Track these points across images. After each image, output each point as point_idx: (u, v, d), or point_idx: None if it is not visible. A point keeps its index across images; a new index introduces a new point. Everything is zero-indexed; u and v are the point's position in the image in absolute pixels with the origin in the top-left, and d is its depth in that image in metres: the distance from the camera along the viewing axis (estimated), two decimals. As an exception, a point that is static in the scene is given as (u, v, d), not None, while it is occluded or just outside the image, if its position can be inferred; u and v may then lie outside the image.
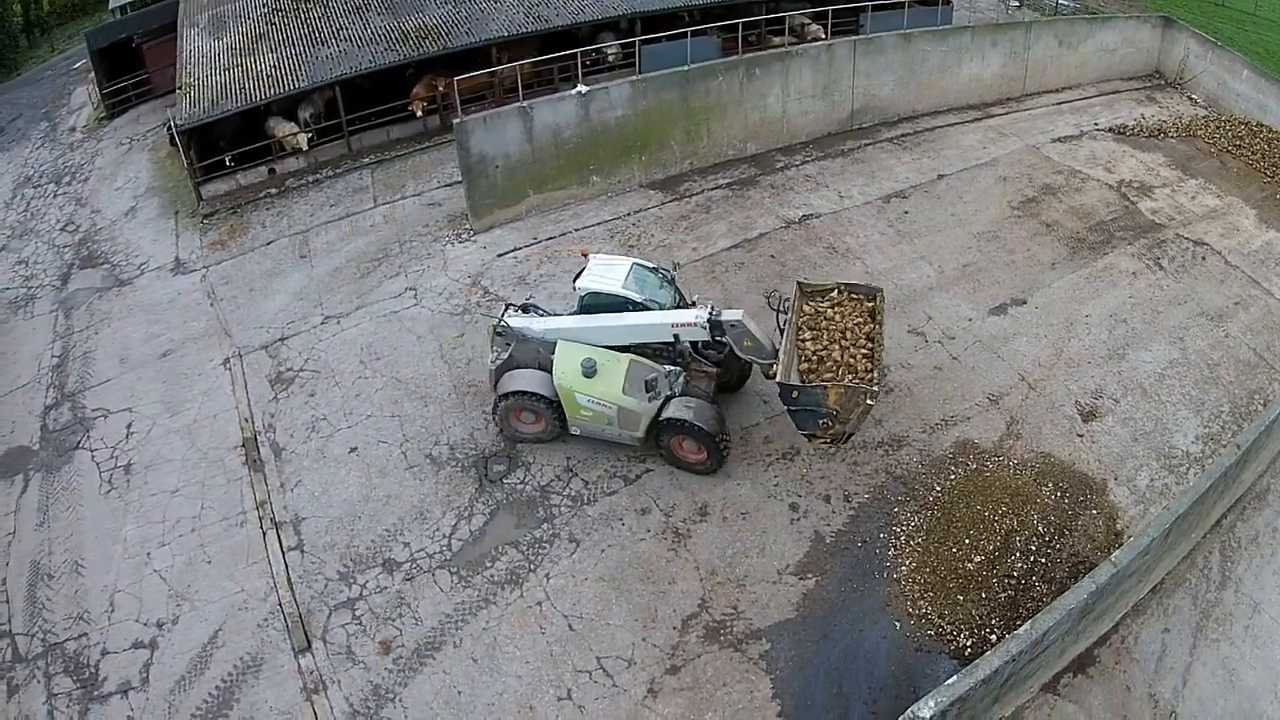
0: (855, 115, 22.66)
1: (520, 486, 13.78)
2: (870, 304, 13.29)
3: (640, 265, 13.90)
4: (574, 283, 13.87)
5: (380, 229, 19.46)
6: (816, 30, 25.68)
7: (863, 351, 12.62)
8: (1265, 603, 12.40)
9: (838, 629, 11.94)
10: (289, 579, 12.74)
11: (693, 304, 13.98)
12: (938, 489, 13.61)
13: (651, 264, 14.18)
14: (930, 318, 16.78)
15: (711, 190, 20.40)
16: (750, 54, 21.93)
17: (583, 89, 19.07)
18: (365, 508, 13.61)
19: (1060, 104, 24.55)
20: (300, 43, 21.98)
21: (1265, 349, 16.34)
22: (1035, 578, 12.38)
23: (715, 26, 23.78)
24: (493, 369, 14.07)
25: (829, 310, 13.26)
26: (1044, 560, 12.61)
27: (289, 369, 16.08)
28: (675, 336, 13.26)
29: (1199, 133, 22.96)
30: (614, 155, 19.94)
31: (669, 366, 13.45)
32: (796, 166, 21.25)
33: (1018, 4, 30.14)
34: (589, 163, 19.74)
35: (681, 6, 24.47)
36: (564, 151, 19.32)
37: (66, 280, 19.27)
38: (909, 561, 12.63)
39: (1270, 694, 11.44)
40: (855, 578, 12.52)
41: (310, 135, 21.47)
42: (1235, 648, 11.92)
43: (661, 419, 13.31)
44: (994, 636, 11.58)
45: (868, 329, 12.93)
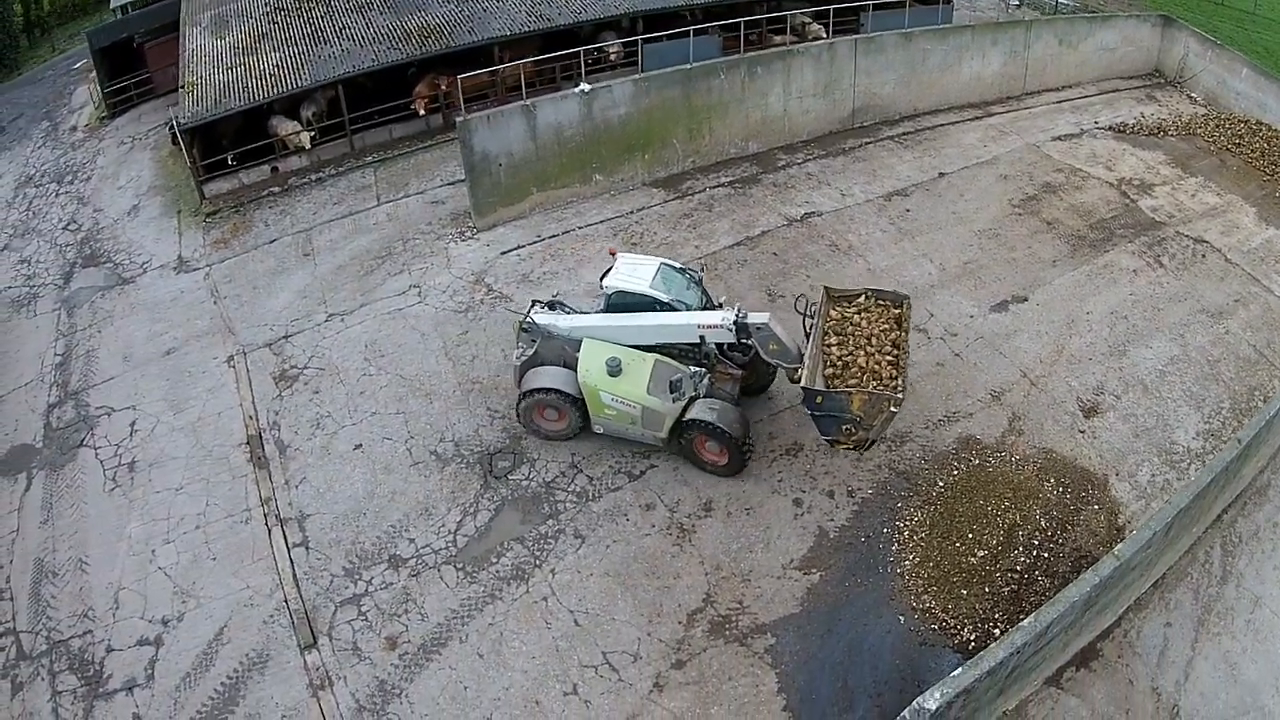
0: (856, 114, 22.71)
1: (525, 483, 13.80)
2: (897, 311, 13.16)
3: (668, 265, 13.79)
4: (601, 281, 13.78)
5: (383, 227, 19.47)
6: (817, 29, 25.76)
7: (888, 358, 12.50)
8: (1266, 597, 12.46)
9: (842, 623, 11.98)
10: (294, 575, 12.74)
11: (719, 306, 13.84)
12: (941, 484, 13.66)
13: (679, 264, 14.07)
14: (932, 315, 16.83)
15: (714, 188, 20.43)
16: (752, 53, 22.01)
17: (585, 87, 19.07)
18: (370, 504, 13.62)
19: (1061, 102, 24.64)
20: (303, 42, 22.00)
21: (1265, 346, 16.40)
22: (1038, 572, 12.43)
23: (716, 25, 23.86)
24: (517, 365, 13.99)
25: (855, 316, 13.13)
26: (1046, 555, 12.65)
27: (293, 366, 16.08)
28: (701, 338, 13.17)
29: (1199, 131, 23.04)
30: (617, 153, 19.97)
31: (694, 367, 13.35)
32: (798, 165, 21.30)
33: (1018, 3, 30.20)
34: (592, 161, 19.76)
35: (683, 6, 24.48)
36: (567, 150, 19.35)
37: (69, 279, 19.23)
38: (912, 556, 12.67)
39: (1272, 687, 11.49)
40: (859, 572, 12.57)
41: (313, 134, 21.47)
42: (1237, 641, 11.98)
43: (685, 420, 13.22)
44: (997, 630, 11.61)
45: (894, 336, 12.81)
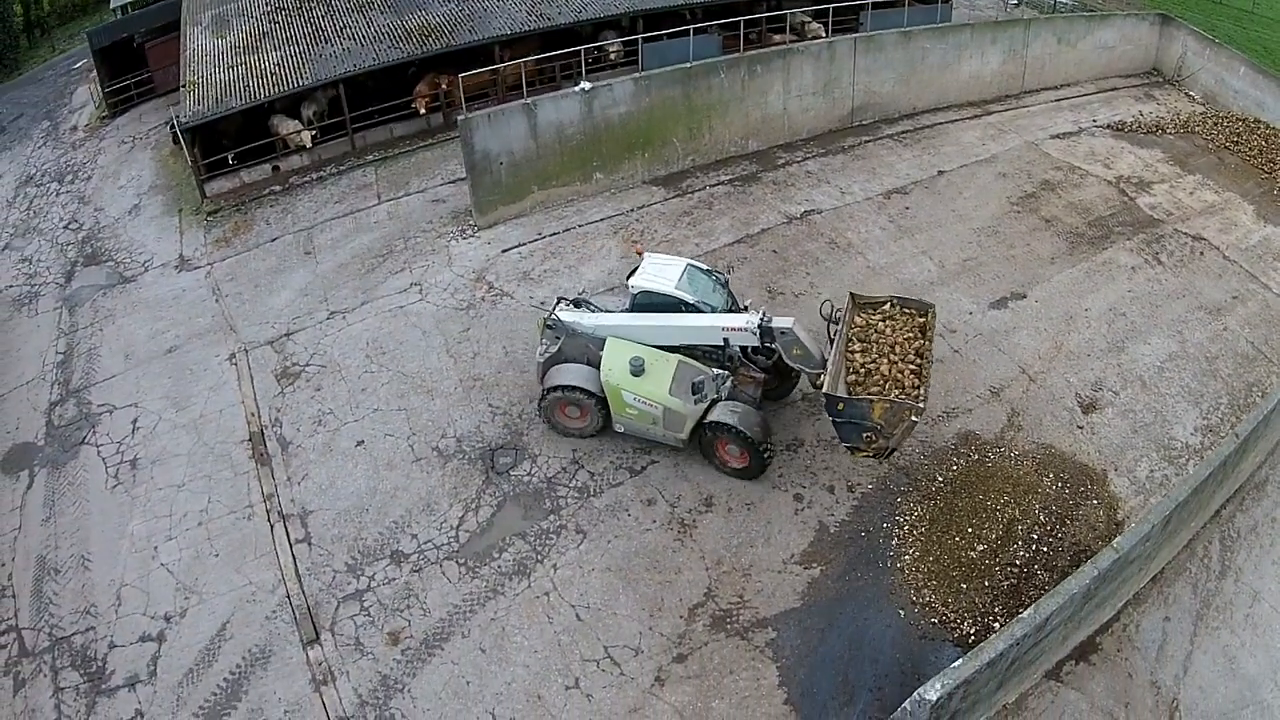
0: (856, 112, 22.77)
1: (527, 478, 13.86)
2: (922, 319, 13.04)
3: (694, 267, 13.79)
4: (627, 280, 13.79)
5: (384, 225, 19.51)
6: (817, 28, 25.83)
7: (911, 367, 12.40)
8: (1265, 592, 12.52)
9: (843, 617, 12.04)
10: (297, 571, 12.78)
11: (745, 309, 13.83)
12: (940, 479, 13.72)
13: (706, 266, 14.07)
14: (932, 312, 16.90)
15: (714, 186, 20.49)
16: (751, 52, 22.04)
17: (586, 86, 19.09)
18: (372, 500, 13.66)
19: (1059, 101, 24.71)
20: (303, 41, 22.06)
21: (1263, 342, 16.47)
22: (1037, 566, 12.49)
23: (716, 24, 23.91)
24: (540, 361, 14.04)
25: (880, 323, 13.04)
26: (1046, 549, 12.71)
27: (295, 364, 16.12)
28: (725, 340, 13.14)
29: (1197, 129, 23.11)
30: (617, 152, 20.01)
31: (717, 370, 13.35)
32: (798, 163, 21.35)
33: (1016, 2, 30.25)
34: (592, 159, 19.81)
35: (683, 4, 24.53)
36: (567, 148, 19.39)
37: (70, 278, 19.27)
38: (912, 551, 12.73)
39: (1271, 681, 11.55)
40: (859, 567, 12.62)
41: (314, 133, 21.50)
42: (1236, 636, 12.04)
43: (706, 422, 13.22)
44: (997, 624, 11.67)
45: (918, 344, 12.70)
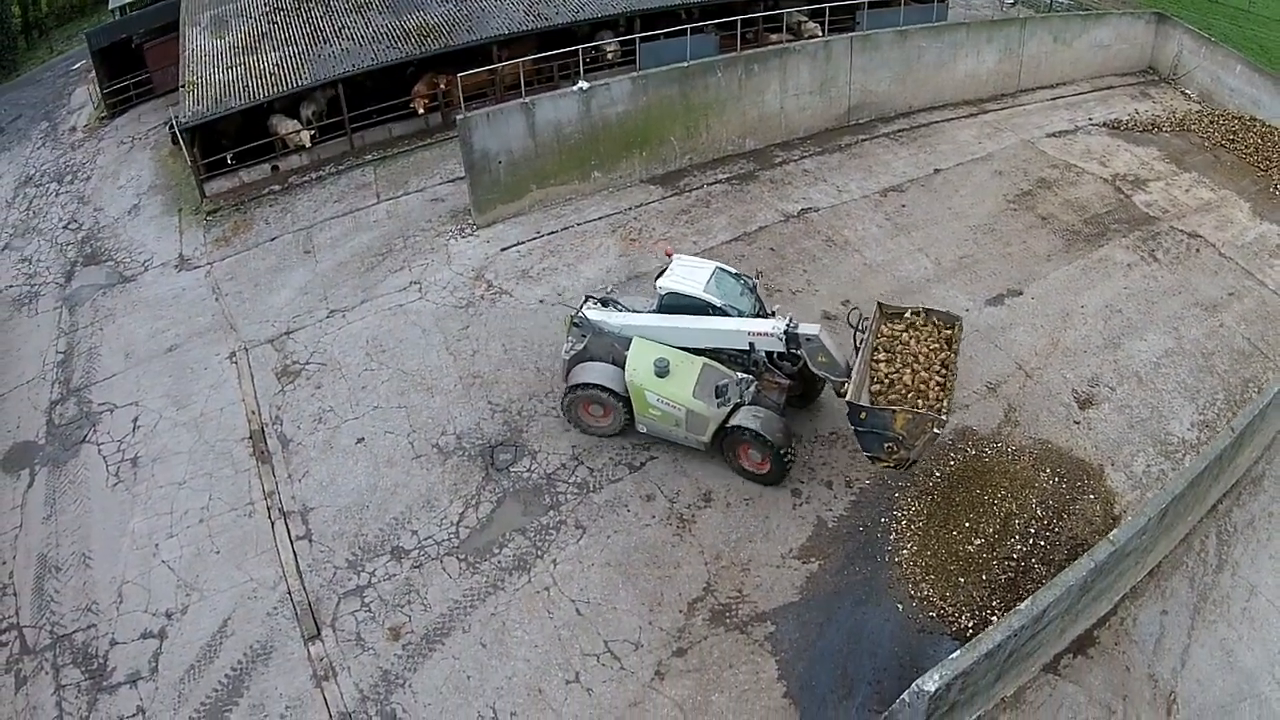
0: (852, 111, 22.85)
1: (527, 475, 13.91)
2: (948, 331, 12.95)
3: (723, 270, 13.76)
4: (656, 281, 13.78)
5: (384, 224, 19.56)
6: (814, 28, 25.90)
7: (936, 379, 12.38)
8: (1262, 585, 12.59)
9: (841, 611, 12.10)
10: (298, 568, 12.82)
11: (772, 314, 13.78)
12: (938, 475, 13.77)
13: (734, 270, 14.04)
14: (929, 309, 16.97)
15: (711, 185, 20.56)
16: (748, 51, 22.11)
17: (584, 85, 19.15)
18: (373, 497, 13.71)
19: (1055, 99, 24.81)
20: (302, 41, 22.11)
21: (1259, 338, 16.55)
22: (1034, 560, 12.55)
23: (713, 24, 23.98)
24: (566, 359, 14.07)
25: (905, 334, 12.99)
26: (1043, 543, 12.77)
27: (295, 362, 16.17)
28: (751, 345, 13.11)
29: (1193, 127, 23.18)
30: (615, 151, 20.07)
31: (741, 374, 13.32)
32: (795, 161, 21.43)
33: (1013, 0, 30.36)
34: (590, 158, 19.87)
35: (680, 4, 24.59)
36: (566, 147, 19.45)
37: (70, 277, 19.31)
38: (910, 545, 12.80)
39: (1268, 674, 11.62)
40: (858, 561, 12.69)
41: (313, 133, 21.55)
42: (1233, 629, 12.10)
43: (728, 426, 13.21)
44: (994, 617, 11.70)
45: (943, 356, 12.67)
